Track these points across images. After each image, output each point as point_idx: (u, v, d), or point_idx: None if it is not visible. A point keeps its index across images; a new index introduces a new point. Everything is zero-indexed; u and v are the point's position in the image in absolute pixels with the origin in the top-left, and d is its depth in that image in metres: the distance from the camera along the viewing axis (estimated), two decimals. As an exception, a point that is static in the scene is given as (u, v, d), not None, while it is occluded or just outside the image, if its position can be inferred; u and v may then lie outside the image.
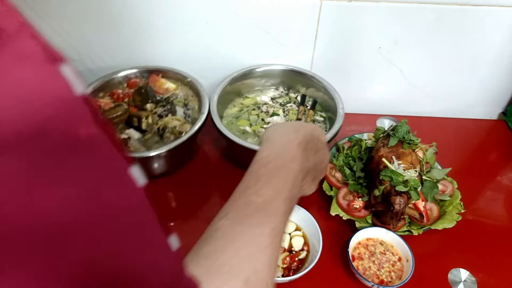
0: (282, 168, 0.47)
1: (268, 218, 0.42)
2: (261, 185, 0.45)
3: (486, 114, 1.05)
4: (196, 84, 0.87)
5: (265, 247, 0.38)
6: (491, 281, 0.69)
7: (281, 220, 0.43)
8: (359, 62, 0.94)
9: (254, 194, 0.45)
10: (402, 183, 0.68)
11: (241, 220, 0.41)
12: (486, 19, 0.84)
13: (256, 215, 0.42)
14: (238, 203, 0.44)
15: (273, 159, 0.48)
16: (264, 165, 0.48)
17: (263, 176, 0.47)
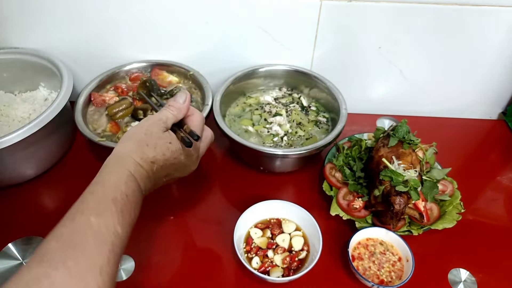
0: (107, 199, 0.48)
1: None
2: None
3: (486, 114, 1.05)
4: (199, 77, 0.89)
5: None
6: (491, 281, 0.69)
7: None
8: (359, 62, 0.94)
9: (95, 215, 0.46)
10: (402, 183, 0.68)
11: (66, 248, 0.42)
12: (486, 19, 0.84)
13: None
14: (76, 221, 0.45)
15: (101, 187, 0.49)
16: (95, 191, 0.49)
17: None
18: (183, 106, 0.59)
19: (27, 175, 0.80)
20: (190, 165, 0.61)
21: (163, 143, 0.55)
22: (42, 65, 0.89)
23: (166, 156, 0.55)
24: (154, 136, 0.54)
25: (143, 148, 0.53)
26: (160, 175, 0.56)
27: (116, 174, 0.50)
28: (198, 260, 0.70)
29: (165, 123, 0.56)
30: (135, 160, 0.52)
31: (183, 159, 0.57)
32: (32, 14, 0.86)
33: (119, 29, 0.89)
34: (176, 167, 0.58)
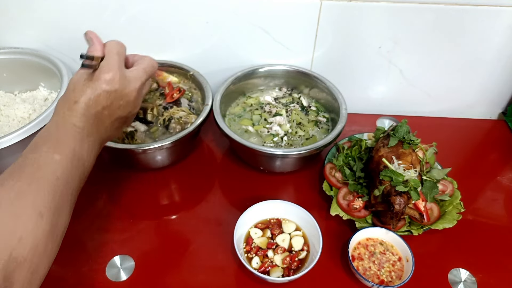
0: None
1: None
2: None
3: (486, 114, 1.05)
4: (199, 77, 0.89)
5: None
6: (491, 281, 0.69)
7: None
8: (359, 62, 0.94)
9: (32, 151, 0.50)
10: (402, 183, 0.68)
11: (6, 174, 0.48)
12: (486, 19, 0.84)
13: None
14: (16, 161, 0.50)
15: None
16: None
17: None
18: (95, 47, 0.59)
19: (27, 175, 0.80)
20: (122, 89, 0.58)
21: (80, 82, 0.56)
22: (42, 65, 0.89)
23: (86, 92, 0.55)
24: (73, 81, 0.56)
25: (67, 94, 0.56)
26: (97, 110, 0.56)
27: (50, 122, 0.54)
28: (198, 260, 0.70)
29: (84, 73, 0.57)
30: (62, 106, 0.55)
31: (106, 87, 0.56)
32: (32, 14, 0.86)
33: (119, 29, 0.89)
34: (106, 96, 0.56)
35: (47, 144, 0.51)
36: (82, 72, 0.56)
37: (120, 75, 0.58)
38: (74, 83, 0.56)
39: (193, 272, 0.69)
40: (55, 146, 0.51)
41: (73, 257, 0.69)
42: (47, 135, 0.53)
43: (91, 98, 0.55)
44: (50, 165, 0.49)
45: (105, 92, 0.56)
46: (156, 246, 0.72)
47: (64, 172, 0.50)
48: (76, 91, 0.55)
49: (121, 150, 0.74)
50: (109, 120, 0.59)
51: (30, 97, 0.92)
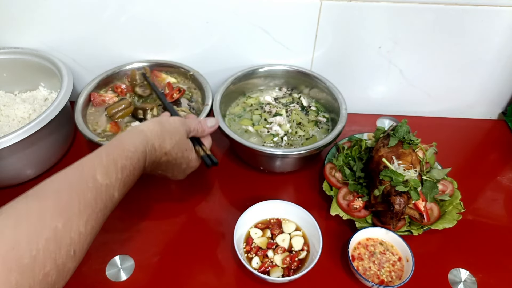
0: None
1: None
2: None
3: (486, 114, 1.05)
4: (199, 77, 0.89)
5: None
6: (491, 281, 0.69)
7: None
8: (359, 62, 0.94)
9: (102, 174, 0.49)
10: (402, 183, 0.68)
11: (65, 190, 0.45)
12: (486, 19, 0.84)
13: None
14: (83, 173, 0.49)
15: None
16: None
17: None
18: (208, 130, 0.68)
19: (27, 175, 0.80)
20: (182, 174, 0.67)
21: (182, 145, 0.61)
22: (42, 65, 0.89)
23: (177, 155, 0.61)
24: (178, 135, 0.61)
25: (165, 138, 0.59)
26: (161, 166, 0.61)
27: (134, 145, 0.54)
28: (198, 260, 0.70)
29: (189, 131, 0.64)
30: (154, 143, 0.57)
31: (184, 167, 0.65)
32: (32, 14, 0.86)
33: (119, 29, 0.89)
34: (175, 167, 0.63)
35: (118, 175, 0.50)
36: (187, 140, 0.64)
37: (190, 171, 0.68)
38: (178, 140, 0.61)
39: (193, 272, 0.69)
40: (122, 184, 0.51)
41: (73, 257, 0.69)
42: (123, 161, 0.52)
43: (173, 162, 0.61)
44: (106, 201, 0.48)
45: (180, 167, 0.64)
46: (156, 246, 0.72)
47: (110, 210, 0.50)
48: (175, 147, 0.60)
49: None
50: (155, 172, 0.63)
51: (30, 97, 0.92)
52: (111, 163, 0.50)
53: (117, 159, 0.51)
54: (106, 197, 0.48)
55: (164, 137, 0.59)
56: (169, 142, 0.59)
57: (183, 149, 0.61)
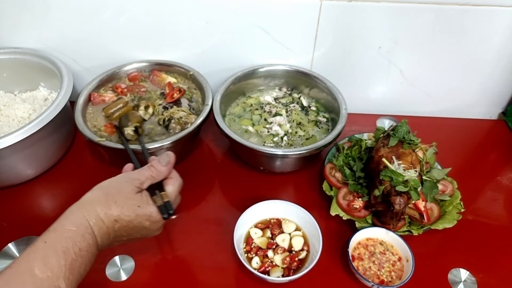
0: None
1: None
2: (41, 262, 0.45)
3: (486, 114, 1.05)
4: (199, 77, 0.89)
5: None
6: (491, 281, 0.69)
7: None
8: (359, 62, 0.94)
9: (41, 266, 0.44)
10: (402, 183, 0.68)
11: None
12: (486, 19, 0.84)
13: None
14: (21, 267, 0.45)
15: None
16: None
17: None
18: (164, 169, 0.58)
19: (27, 175, 0.80)
20: (154, 231, 0.58)
21: (132, 204, 0.53)
22: (42, 65, 0.89)
23: (130, 217, 0.53)
24: (124, 195, 0.54)
25: (110, 204, 0.52)
26: (121, 234, 0.55)
27: (74, 223, 0.49)
28: (198, 260, 0.70)
29: (141, 183, 0.56)
30: (99, 214, 0.51)
31: (148, 224, 0.56)
32: (32, 14, 0.86)
33: (120, 29, 0.89)
34: (138, 229, 0.56)
35: (61, 261, 0.46)
36: (138, 188, 0.55)
37: (163, 222, 0.58)
38: (125, 196, 0.53)
39: (193, 272, 0.69)
40: (67, 270, 0.46)
41: (73, 257, 0.69)
42: (66, 244, 0.47)
43: (129, 226, 0.54)
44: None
45: (143, 227, 0.55)
46: (156, 246, 0.72)
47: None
48: (123, 209, 0.53)
49: (121, 150, 0.74)
50: (119, 243, 0.57)
51: (30, 97, 0.92)
52: (49, 251, 0.45)
53: (56, 245, 0.46)
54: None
55: (108, 203, 0.52)
56: (115, 207, 0.52)
57: (134, 208, 0.53)
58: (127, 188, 0.54)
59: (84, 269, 0.49)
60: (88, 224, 0.50)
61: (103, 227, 0.51)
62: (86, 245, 0.48)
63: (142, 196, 0.55)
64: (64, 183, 0.83)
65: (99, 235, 0.51)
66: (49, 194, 0.81)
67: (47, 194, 0.81)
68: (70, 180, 0.83)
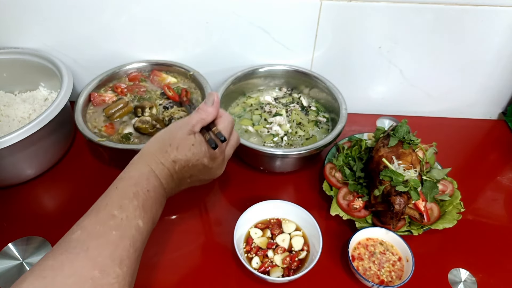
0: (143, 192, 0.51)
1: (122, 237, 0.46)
2: (123, 202, 0.49)
3: (486, 114, 1.05)
4: (199, 77, 0.89)
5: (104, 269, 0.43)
6: (491, 281, 0.69)
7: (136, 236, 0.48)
8: (359, 62, 0.94)
9: (117, 208, 0.48)
10: (402, 183, 0.68)
11: (90, 238, 0.45)
12: (486, 19, 0.84)
13: (110, 232, 0.46)
14: (100, 214, 0.48)
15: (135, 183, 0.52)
16: (129, 185, 0.52)
17: (127, 195, 0.50)
18: (211, 109, 0.58)
19: (27, 175, 0.80)
20: (215, 168, 0.61)
21: (186, 144, 0.56)
22: (42, 65, 0.89)
23: (187, 157, 0.56)
24: (178, 137, 0.56)
25: (166, 148, 0.55)
26: (184, 175, 0.57)
27: (138, 170, 0.53)
28: (198, 260, 0.70)
29: (192, 126, 0.57)
30: (158, 158, 0.54)
31: (207, 161, 0.58)
32: (32, 14, 0.86)
33: (120, 29, 0.89)
34: (199, 168, 0.58)
35: (134, 202, 0.49)
36: (190, 131, 0.56)
37: (223, 157, 0.61)
38: (179, 139, 0.56)
39: (193, 272, 0.69)
40: (142, 208, 0.50)
41: (73, 257, 0.69)
42: (134, 188, 0.51)
43: (189, 165, 0.56)
44: (133, 234, 0.48)
45: (203, 166, 0.58)
46: (156, 246, 0.72)
47: (141, 241, 0.49)
48: (179, 150, 0.55)
49: (121, 150, 0.74)
50: (186, 186, 0.60)
51: (30, 97, 0.92)
52: (122, 195, 0.50)
53: (126, 190, 0.50)
54: (130, 231, 0.47)
55: (165, 147, 0.55)
56: (171, 149, 0.55)
57: (189, 147, 0.56)
58: (180, 133, 0.56)
59: (155, 209, 0.52)
60: (150, 168, 0.53)
61: (164, 169, 0.54)
62: (152, 186, 0.52)
63: (196, 137, 0.57)
64: (64, 183, 0.83)
65: (162, 177, 0.54)
66: (49, 194, 0.81)
67: (47, 194, 0.81)
68: (70, 180, 0.83)
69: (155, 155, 0.55)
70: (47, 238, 0.71)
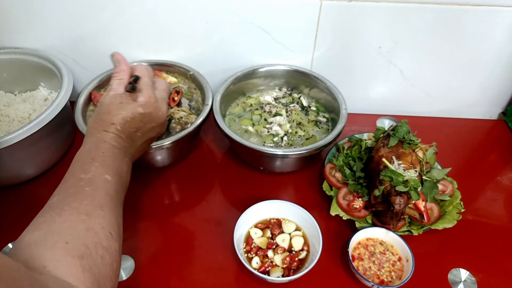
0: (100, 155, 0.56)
1: (93, 193, 0.51)
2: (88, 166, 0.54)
3: (486, 114, 1.05)
4: (199, 77, 0.89)
5: (82, 220, 0.48)
6: (491, 281, 0.69)
7: (108, 189, 0.53)
8: (359, 62, 0.94)
9: (82, 173, 0.53)
10: (402, 183, 0.68)
11: (68, 197, 0.51)
12: (486, 19, 0.84)
13: (81, 191, 0.51)
14: (69, 182, 0.53)
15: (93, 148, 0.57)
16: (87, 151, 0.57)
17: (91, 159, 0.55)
18: (122, 66, 0.65)
19: (27, 175, 0.80)
20: (155, 112, 0.63)
21: (115, 105, 0.60)
22: (42, 65, 0.89)
23: (122, 114, 0.59)
24: (106, 104, 0.60)
25: (101, 116, 0.59)
26: (130, 131, 0.61)
27: (88, 143, 0.57)
28: (198, 260, 0.70)
29: (115, 90, 0.62)
30: (99, 127, 0.59)
31: (141, 109, 0.61)
32: (32, 14, 0.86)
33: (120, 29, 0.89)
34: (140, 119, 0.61)
35: (94, 164, 0.54)
36: (114, 95, 0.61)
37: (154, 99, 0.64)
38: (108, 105, 0.60)
39: (193, 272, 0.69)
40: (103, 166, 0.54)
41: (73, 257, 0.69)
42: (90, 155, 0.55)
43: (127, 120, 0.60)
44: (104, 185, 0.53)
45: (140, 115, 0.61)
46: (156, 246, 0.72)
47: (114, 191, 0.54)
48: (112, 113, 0.59)
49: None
50: (141, 141, 0.63)
51: (30, 97, 0.92)
52: (82, 163, 0.54)
53: (83, 158, 0.55)
54: (101, 184, 0.52)
55: (100, 117, 0.59)
56: (105, 116, 0.59)
57: (119, 106, 0.60)
58: (107, 100, 0.61)
59: (118, 165, 0.56)
60: (96, 138, 0.57)
61: (109, 134, 0.58)
62: (105, 149, 0.56)
63: (121, 95, 0.61)
64: (64, 183, 0.83)
65: (111, 140, 0.58)
66: (49, 194, 0.80)
67: (47, 194, 0.80)
68: (70, 180, 0.83)
69: (94, 127, 0.59)
70: (47, 238, 0.71)
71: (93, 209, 0.49)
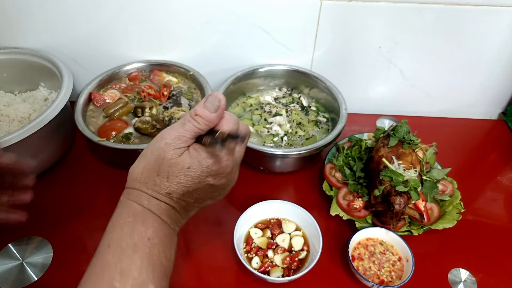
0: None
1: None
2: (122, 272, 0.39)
3: (486, 114, 1.05)
4: (199, 77, 0.89)
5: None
6: (491, 281, 0.69)
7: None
8: (359, 62, 0.94)
9: (118, 275, 0.39)
10: (402, 183, 0.68)
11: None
12: (486, 19, 0.84)
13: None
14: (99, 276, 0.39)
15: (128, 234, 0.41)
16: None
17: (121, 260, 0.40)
18: (213, 116, 0.44)
19: (27, 175, 0.80)
20: (226, 183, 0.48)
21: (178, 170, 0.43)
22: (42, 65, 0.89)
23: (184, 184, 0.44)
24: (166, 162, 0.43)
25: (154, 178, 0.44)
26: (187, 202, 0.46)
27: (129, 213, 0.42)
28: (198, 260, 0.70)
29: (185, 142, 0.44)
30: (147, 193, 0.44)
31: (212, 180, 0.45)
32: (32, 14, 0.86)
33: (120, 29, 0.89)
34: (204, 190, 0.46)
35: (136, 262, 0.40)
36: (183, 156, 0.44)
37: (230, 168, 0.46)
38: (169, 168, 0.43)
39: (193, 272, 0.69)
40: (147, 269, 0.40)
41: (73, 257, 0.69)
42: (132, 240, 0.41)
43: (189, 190, 0.45)
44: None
45: (207, 186, 0.46)
46: (156, 246, 0.72)
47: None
48: (171, 179, 0.44)
49: (121, 150, 0.74)
50: (195, 210, 0.49)
51: (30, 97, 0.92)
52: (119, 256, 0.40)
53: (121, 246, 0.40)
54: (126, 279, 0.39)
55: (152, 179, 0.44)
56: (160, 180, 0.44)
57: (183, 172, 0.43)
58: (168, 153, 0.43)
59: (165, 256, 0.42)
60: (142, 207, 0.43)
61: (161, 204, 0.44)
62: (153, 231, 0.41)
63: (191, 154, 0.44)
64: (64, 183, 0.83)
65: (161, 214, 0.44)
66: (49, 194, 0.81)
67: (47, 194, 0.81)
68: (70, 180, 0.83)
69: (142, 190, 0.44)
70: (47, 238, 0.71)
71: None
